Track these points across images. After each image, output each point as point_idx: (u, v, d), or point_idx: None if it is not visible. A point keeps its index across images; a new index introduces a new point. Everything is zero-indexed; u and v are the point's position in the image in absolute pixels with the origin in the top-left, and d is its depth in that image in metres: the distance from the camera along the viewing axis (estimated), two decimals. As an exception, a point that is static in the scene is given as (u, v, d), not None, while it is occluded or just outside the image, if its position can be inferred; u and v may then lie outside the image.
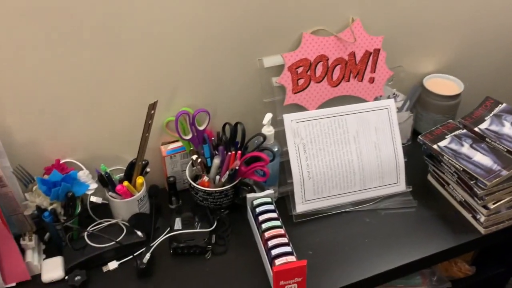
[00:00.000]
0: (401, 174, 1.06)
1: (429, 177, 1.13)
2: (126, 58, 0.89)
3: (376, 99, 1.09)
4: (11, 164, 0.88)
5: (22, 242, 0.90)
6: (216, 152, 1.00)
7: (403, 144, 1.09)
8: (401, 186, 1.07)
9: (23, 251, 0.90)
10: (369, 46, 1.04)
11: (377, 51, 1.05)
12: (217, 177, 1.00)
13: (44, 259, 0.91)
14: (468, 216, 1.02)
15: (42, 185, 0.86)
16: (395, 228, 1.01)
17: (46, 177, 0.89)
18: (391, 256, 0.95)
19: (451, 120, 1.10)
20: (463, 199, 1.02)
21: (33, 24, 0.79)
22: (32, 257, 0.89)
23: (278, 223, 0.92)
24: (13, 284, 0.87)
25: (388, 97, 1.14)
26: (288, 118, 1.00)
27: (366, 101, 1.08)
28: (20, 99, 0.86)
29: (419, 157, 1.12)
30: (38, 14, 0.78)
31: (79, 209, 0.92)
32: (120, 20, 0.84)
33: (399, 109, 1.17)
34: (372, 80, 1.07)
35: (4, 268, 0.84)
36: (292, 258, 0.85)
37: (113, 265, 0.91)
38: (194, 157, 0.98)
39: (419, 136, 1.06)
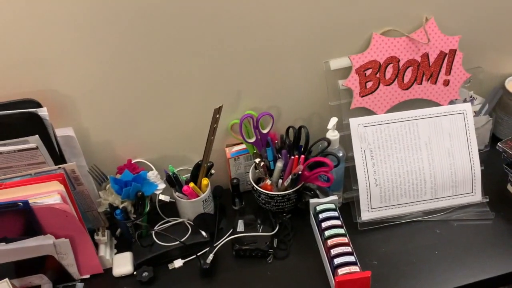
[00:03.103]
0: (476, 184, 0.99)
1: (509, 187, 1.04)
2: (195, 64, 0.91)
3: (451, 102, 1.03)
4: (87, 164, 0.94)
5: (96, 237, 0.96)
6: (279, 156, 1.00)
7: (480, 150, 1.02)
8: (477, 196, 1.00)
9: (96, 245, 0.95)
10: (444, 47, 0.98)
11: (453, 51, 0.98)
12: (280, 180, 0.99)
13: (115, 253, 0.96)
14: (554, 232, 0.93)
15: (114, 184, 0.91)
16: (469, 241, 0.95)
17: (118, 176, 0.94)
18: (463, 271, 0.89)
19: (536, 126, 1.01)
20: (549, 214, 0.93)
21: (108, 31, 0.83)
22: (105, 251, 0.95)
23: (341, 231, 0.90)
24: (87, 276, 0.93)
25: (465, 101, 1.07)
26: (355, 122, 0.97)
27: (439, 105, 1.02)
28: (96, 103, 0.91)
29: (498, 164, 1.04)
30: (115, 22, 0.83)
31: (148, 207, 0.95)
32: (189, 27, 0.86)
33: (477, 113, 1.09)
34: (446, 83, 1.01)
35: (79, 261, 0.90)
36: (355, 269, 0.83)
37: (178, 263, 0.94)
38: (257, 160, 0.98)
39: (499, 143, 0.99)
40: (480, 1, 1.00)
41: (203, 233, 0.97)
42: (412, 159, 0.97)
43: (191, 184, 0.95)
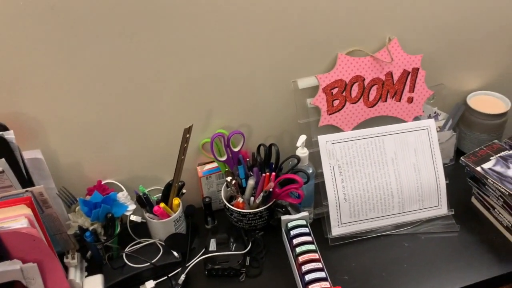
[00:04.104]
0: (442, 197, 1.02)
1: (473, 200, 1.08)
2: (164, 84, 0.92)
3: (415, 119, 1.06)
4: (56, 186, 0.93)
5: (65, 260, 0.94)
6: (251, 173, 1.01)
7: (445, 164, 1.05)
8: (443, 209, 1.03)
9: (66, 268, 0.94)
10: (407, 66, 1.02)
11: (415, 70, 1.02)
12: (252, 198, 1.00)
13: (86, 276, 0.95)
14: (516, 243, 0.97)
15: (83, 206, 0.90)
16: (436, 253, 0.97)
17: (88, 198, 0.93)
18: (431, 283, 0.91)
19: (496, 141, 1.05)
20: (510, 224, 0.97)
21: (76, 54, 0.84)
22: (75, 274, 0.93)
23: (312, 247, 0.91)
24: (57, 301, 0.91)
25: (429, 116, 1.11)
26: (323, 139, 0.99)
27: (404, 122, 1.05)
28: (65, 124, 0.91)
29: (463, 178, 1.08)
30: (76, 41, 0.83)
31: (119, 229, 0.95)
32: (159, 48, 0.87)
33: (441, 128, 1.13)
34: (410, 100, 1.04)
35: (48, 286, 0.88)
36: (326, 284, 0.84)
37: (150, 284, 0.93)
38: (229, 178, 0.99)
39: (461, 158, 1.02)
40: (440, 22, 1.04)
41: (175, 253, 0.97)
42: (379, 174, 1.00)
43: (162, 205, 0.95)
